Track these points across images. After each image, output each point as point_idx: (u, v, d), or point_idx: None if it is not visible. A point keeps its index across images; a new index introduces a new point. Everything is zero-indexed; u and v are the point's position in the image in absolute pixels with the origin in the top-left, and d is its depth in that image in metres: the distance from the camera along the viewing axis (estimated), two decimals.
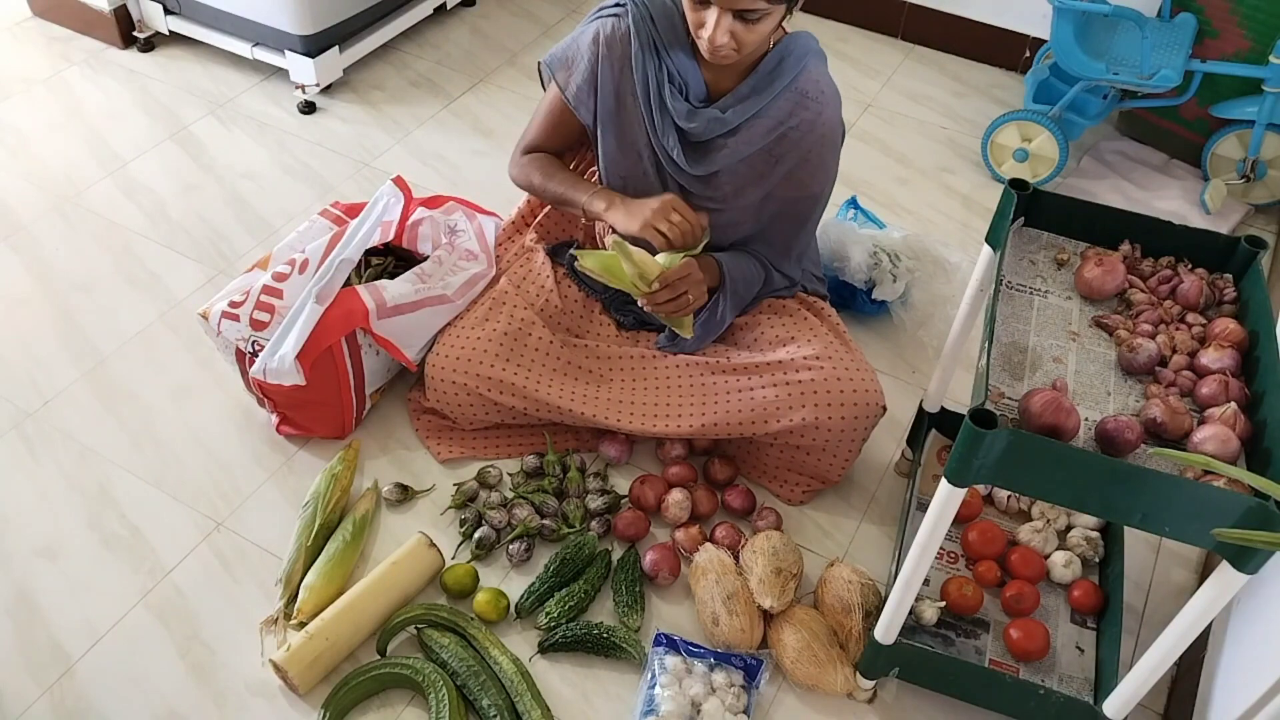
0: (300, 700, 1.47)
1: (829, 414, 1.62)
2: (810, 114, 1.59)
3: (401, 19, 2.76)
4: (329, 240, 1.74)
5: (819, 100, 1.59)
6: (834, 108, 1.62)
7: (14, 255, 2.16)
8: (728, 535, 1.66)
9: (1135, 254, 1.37)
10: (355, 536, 1.62)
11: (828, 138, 1.62)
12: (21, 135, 2.48)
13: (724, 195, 1.66)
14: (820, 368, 1.64)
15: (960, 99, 2.78)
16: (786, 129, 1.60)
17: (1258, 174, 2.34)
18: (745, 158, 1.62)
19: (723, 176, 1.65)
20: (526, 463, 1.76)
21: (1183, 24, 2.30)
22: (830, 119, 1.61)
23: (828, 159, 1.65)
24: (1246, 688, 1.27)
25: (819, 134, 1.61)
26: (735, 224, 1.69)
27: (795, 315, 1.77)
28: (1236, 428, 1.13)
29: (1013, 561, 1.57)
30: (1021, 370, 1.24)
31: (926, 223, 2.37)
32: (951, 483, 1.14)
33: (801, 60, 1.58)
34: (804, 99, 1.59)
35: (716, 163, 1.62)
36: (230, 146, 2.48)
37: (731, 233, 1.71)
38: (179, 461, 1.78)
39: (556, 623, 1.53)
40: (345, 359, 1.69)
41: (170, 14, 2.69)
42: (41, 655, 1.51)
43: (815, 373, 1.64)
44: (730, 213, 1.67)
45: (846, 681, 1.48)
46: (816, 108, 1.59)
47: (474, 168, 2.46)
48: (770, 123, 1.60)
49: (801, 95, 1.59)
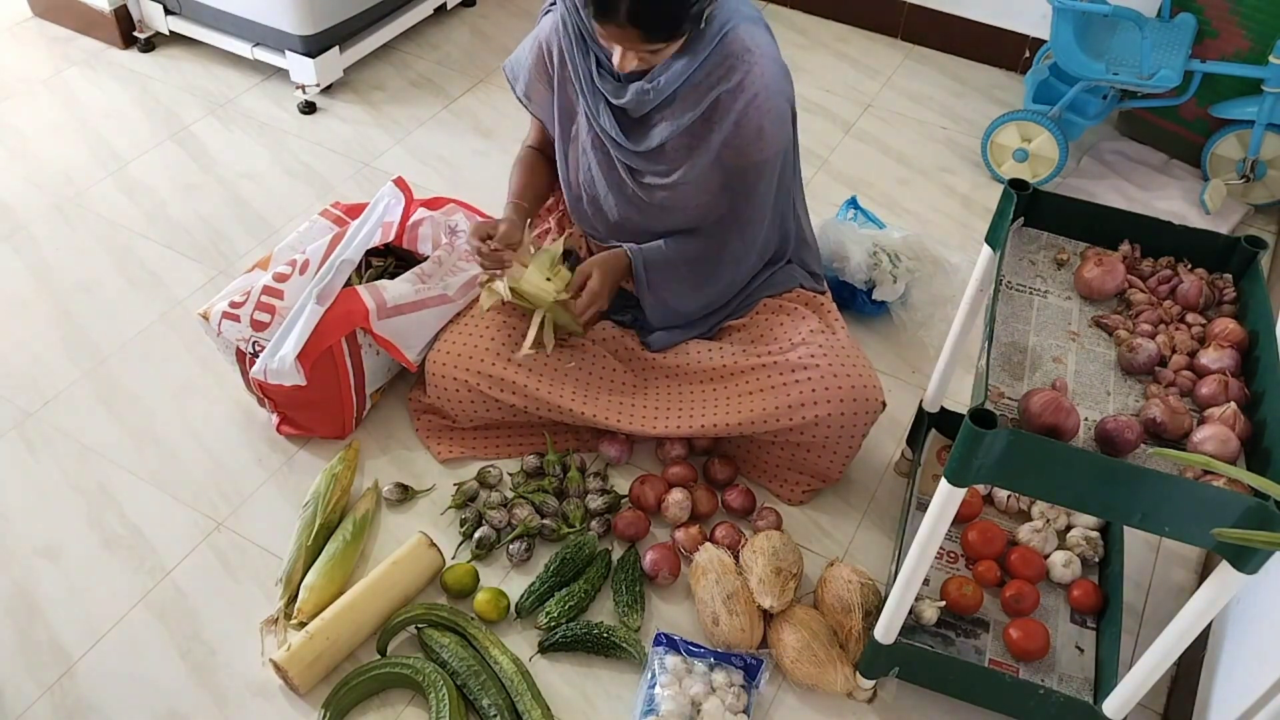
0: (300, 700, 1.47)
1: (828, 410, 1.62)
2: (739, 74, 1.55)
3: (401, 19, 2.77)
4: (329, 241, 1.74)
5: (747, 60, 1.55)
6: (766, 67, 1.56)
7: (14, 255, 2.16)
8: (728, 535, 1.66)
9: (1135, 254, 1.37)
10: (355, 536, 1.62)
11: (761, 98, 1.56)
12: (22, 135, 2.48)
13: (670, 170, 1.65)
14: (817, 365, 1.64)
15: (960, 99, 2.78)
16: (719, 93, 1.57)
17: (1257, 174, 2.34)
18: (685, 128, 1.60)
19: (667, 151, 1.64)
20: (526, 463, 1.76)
21: (1182, 24, 2.30)
22: (761, 78, 1.55)
23: (765, 123, 1.58)
24: (1246, 688, 1.27)
25: (751, 94, 1.56)
26: (690, 203, 1.68)
27: (793, 314, 1.76)
28: (1236, 428, 1.13)
29: (1012, 561, 1.57)
30: (1021, 370, 1.24)
31: (926, 223, 2.37)
32: (951, 483, 1.14)
33: (725, 20, 1.55)
34: (731, 59, 1.56)
35: (656, 136, 1.62)
36: (230, 146, 2.48)
37: (689, 214, 1.69)
38: (179, 461, 1.78)
39: (556, 622, 1.54)
40: (345, 359, 1.70)
41: (170, 14, 2.70)
42: (41, 655, 1.51)
43: (813, 370, 1.64)
44: (682, 189, 1.66)
45: (846, 681, 1.48)
46: (745, 67, 1.55)
47: (474, 168, 2.46)
48: (702, 87, 1.57)
49: (727, 56, 1.56)
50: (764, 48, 1.57)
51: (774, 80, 1.57)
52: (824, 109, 2.72)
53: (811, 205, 2.18)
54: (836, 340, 1.70)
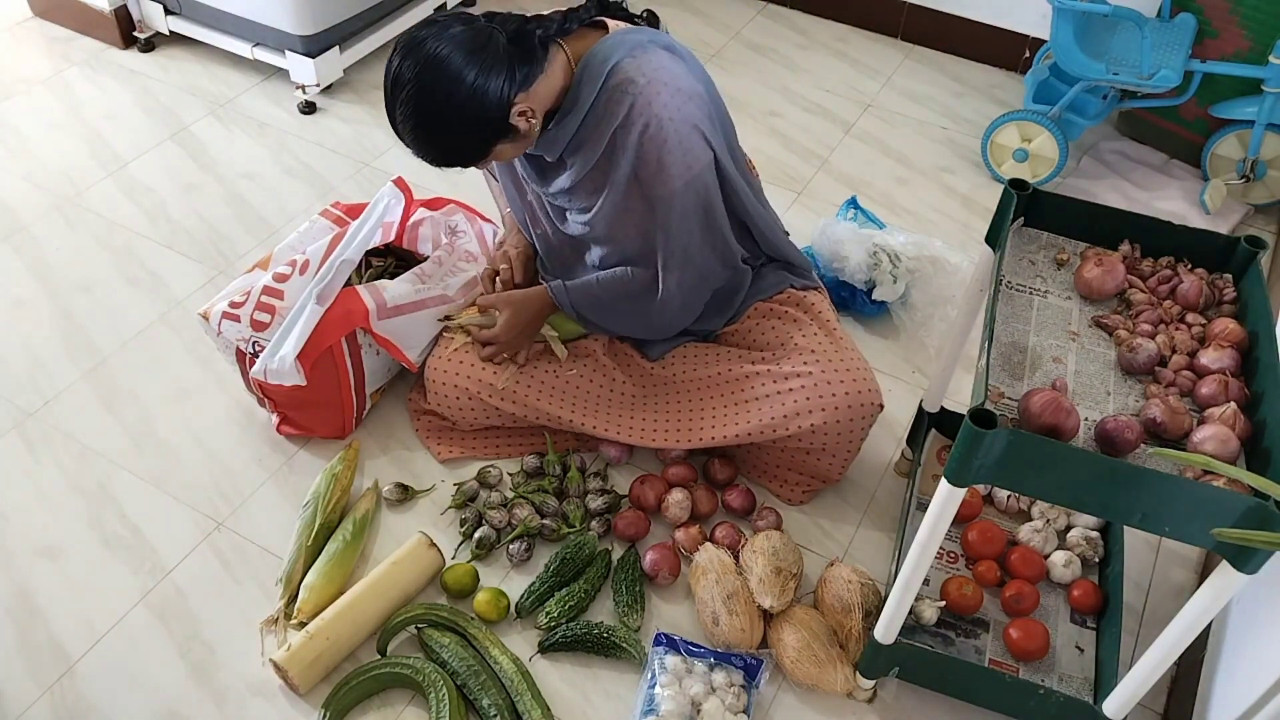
0: (300, 700, 1.47)
1: (824, 418, 1.61)
2: (625, 107, 1.49)
3: (402, 19, 2.76)
4: (329, 241, 1.74)
5: (631, 92, 1.47)
6: (654, 95, 1.48)
7: (14, 255, 2.16)
8: (728, 535, 1.66)
9: (1135, 254, 1.37)
10: (355, 536, 1.62)
11: (653, 128, 1.48)
12: (22, 135, 2.48)
13: (587, 208, 1.63)
14: (810, 373, 1.63)
15: (960, 99, 2.78)
16: (613, 130, 1.52)
17: (1257, 174, 2.34)
18: (591, 167, 1.56)
19: (579, 191, 1.61)
20: (526, 463, 1.76)
21: (1182, 24, 2.30)
22: (649, 108, 1.48)
23: (662, 154, 1.49)
24: (1246, 688, 1.27)
25: (641, 125, 1.48)
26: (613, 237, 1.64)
27: (784, 318, 1.74)
28: (1236, 428, 1.13)
29: (1012, 561, 1.57)
30: (1021, 370, 1.24)
31: (926, 223, 2.37)
32: (951, 483, 1.14)
33: (608, 57, 1.50)
34: (618, 94, 1.50)
35: (566, 179, 1.60)
36: (230, 146, 2.48)
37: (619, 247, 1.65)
38: (179, 461, 1.78)
39: (556, 622, 1.54)
40: (345, 359, 1.70)
41: (170, 14, 2.70)
42: (41, 655, 1.51)
43: (808, 378, 1.63)
44: (598, 225, 1.63)
45: (846, 681, 1.48)
46: (630, 99, 1.48)
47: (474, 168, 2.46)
48: (600, 127, 1.52)
49: (614, 91, 1.50)
50: (653, 74, 1.49)
51: (665, 107, 1.48)
52: (824, 109, 2.72)
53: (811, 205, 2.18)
54: (832, 343, 1.69)
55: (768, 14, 3.09)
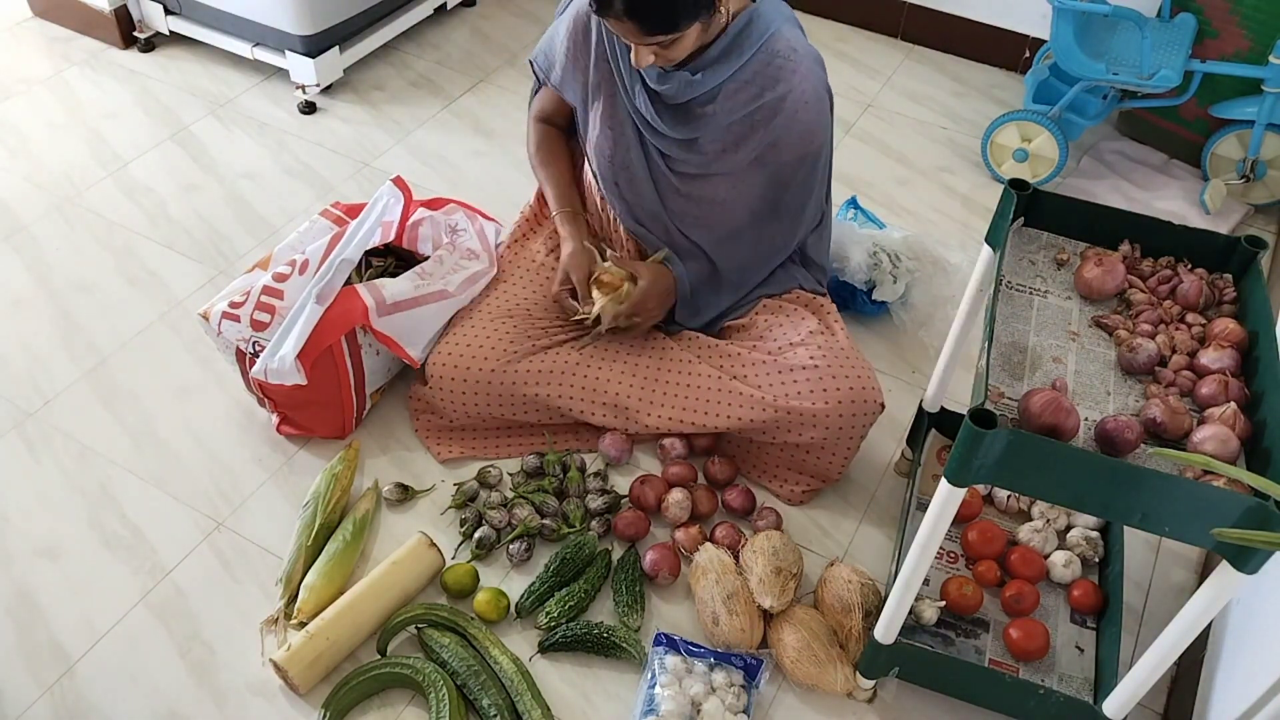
0: (300, 700, 1.47)
1: (825, 410, 1.62)
2: (785, 74, 1.58)
3: (401, 19, 2.77)
4: (329, 241, 1.74)
5: (791, 60, 1.59)
6: (809, 69, 1.60)
7: (14, 255, 2.16)
8: (728, 535, 1.66)
9: (1135, 254, 1.37)
10: (355, 536, 1.62)
11: (809, 100, 1.60)
12: (22, 135, 2.48)
13: (705, 160, 1.67)
14: (815, 366, 1.65)
15: (960, 99, 2.78)
16: (766, 98, 1.59)
17: (1257, 174, 2.34)
18: (725, 127, 1.63)
19: (702, 142, 1.65)
20: (526, 463, 1.76)
21: (1182, 24, 2.30)
22: (805, 80, 1.59)
23: (810, 123, 1.63)
24: (1246, 688, 1.27)
25: (799, 99, 1.60)
26: (722, 196, 1.69)
27: (793, 314, 1.76)
28: (1236, 428, 1.13)
29: (1012, 561, 1.57)
30: (1021, 370, 1.24)
31: (926, 223, 2.37)
32: (951, 483, 1.14)
33: (770, 22, 1.58)
34: (776, 59, 1.58)
35: (694, 129, 1.63)
36: (230, 146, 2.48)
37: (720, 208, 1.70)
38: (179, 461, 1.78)
39: (556, 622, 1.54)
40: (345, 359, 1.70)
41: (170, 14, 2.70)
42: (41, 655, 1.51)
43: (811, 370, 1.65)
44: (715, 182, 1.67)
45: (846, 681, 1.48)
46: (789, 72, 1.58)
47: (474, 168, 2.46)
48: (746, 90, 1.59)
49: (773, 55, 1.58)
50: (804, 49, 1.61)
51: (818, 81, 1.61)
52: None
53: None
54: (835, 341, 1.70)
55: None
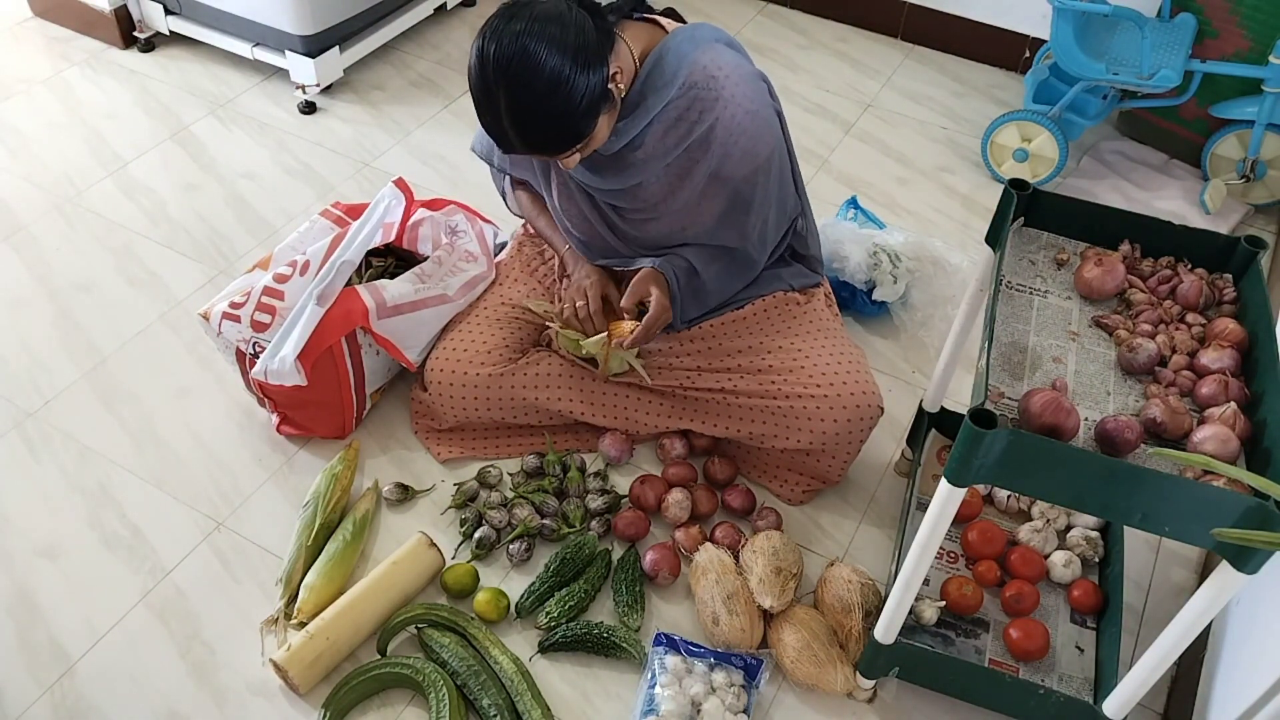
0: (301, 700, 1.47)
1: (824, 427, 1.62)
2: (709, 105, 1.53)
3: (402, 19, 2.77)
4: (330, 242, 1.74)
5: (712, 88, 1.53)
6: (735, 89, 1.54)
7: (14, 255, 2.16)
8: (728, 535, 1.66)
9: (1135, 254, 1.37)
10: (355, 536, 1.62)
11: (739, 119, 1.54)
12: (22, 135, 2.48)
13: (654, 203, 1.63)
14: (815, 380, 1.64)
15: (960, 99, 2.78)
16: (691, 126, 1.54)
17: (1257, 174, 2.34)
18: (666, 163, 1.58)
19: (645, 186, 1.61)
20: (526, 463, 1.76)
21: (1182, 24, 2.30)
22: (733, 101, 1.53)
23: (745, 143, 1.56)
24: (1246, 688, 1.27)
25: (729, 122, 1.54)
26: (680, 228, 1.66)
27: (788, 316, 1.75)
28: (1236, 428, 1.13)
29: (1013, 561, 1.57)
30: (1021, 370, 1.24)
31: (926, 223, 2.37)
32: (951, 483, 1.14)
33: (681, 54, 1.52)
34: (694, 90, 1.53)
35: (634, 175, 1.59)
36: (230, 146, 2.48)
37: (680, 235, 1.68)
38: (179, 461, 1.78)
39: (556, 622, 1.54)
40: (345, 359, 1.70)
41: (170, 14, 2.70)
42: (41, 655, 1.51)
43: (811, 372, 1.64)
44: (668, 219, 1.64)
45: (846, 681, 1.48)
46: (713, 95, 1.53)
47: (474, 168, 2.46)
48: (674, 124, 1.54)
49: (691, 87, 1.53)
50: (728, 68, 1.54)
51: (746, 99, 1.55)
52: (824, 109, 2.72)
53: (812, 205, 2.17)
54: (830, 344, 1.70)
55: (768, 14, 3.09)
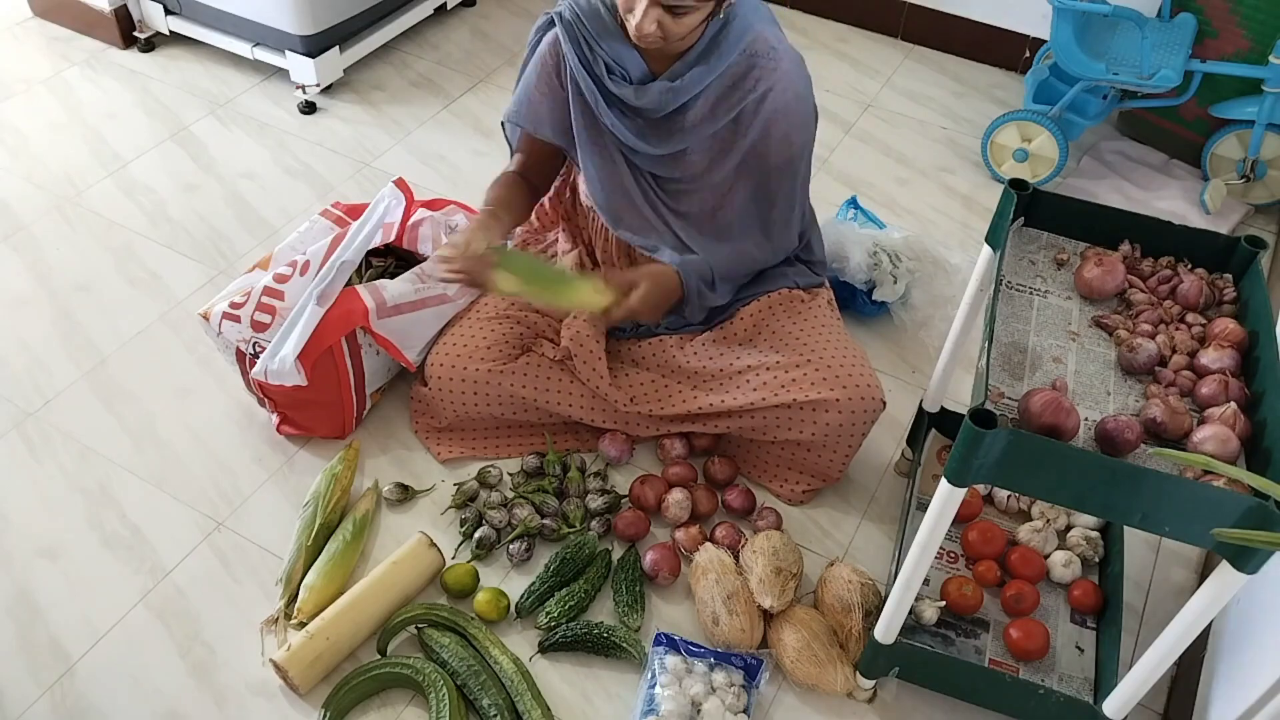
0: (301, 700, 1.47)
1: (826, 412, 1.62)
2: (765, 75, 1.56)
3: (402, 19, 2.77)
4: (330, 242, 1.74)
5: (772, 59, 1.56)
6: (789, 70, 1.57)
7: (14, 255, 2.16)
8: (728, 535, 1.66)
9: (1135, 254, 1.37)
10: (355, 536, 1.62)
11: (786, 98, 1.58)
12: (22, 135, 2.48)
13: (694, 174, 1.64)
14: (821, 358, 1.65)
15: (960, 99, 2.78)
16: (745, 94, 1.57)
17: (1257, 174, 2.34)
18: (712, 132, 1.60)
19: (690, 154, 1.63)
20: (526, 463, 1.76)
21: (1182, 24, 2.30)
22: (787, 79, 1.57)
23: (789, 129, 1.61)
24: (1246, 688, 1.27)
25: (779, 94, 1.57)
26: (712, 209, 1.67)
27: (793, 312, 1.75)
28: (1236, 428, 1.13)
29: (1013, 561, 1.57)
30: (1021, 370, 1.24)
31: (926, 223, 2.37)
32: (951, 483, 1.14)
33: (747, 23, 1.55)
34: (756, 59, 1.55)
35: (681, 140, 1.61)
36: (230, 146, 2.48)
37: (710, 223, 1.69)
38: (179, 461, 1.78)
39: (557, 622, 1.54)
40: (346, 359, 1.70)
41: (170, 14, 2.70)
42: (41, 655, 1.51)
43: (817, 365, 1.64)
44: (704, 193, 1.65)
45: (846, 681, 1.48)
46: (771, 66, 1.56)
47: (474, 168, 2.46)
48: (728, 94, 1.57)
49: (753, 57, 1.55)
50: (786, 47, 1.59)
51: (797, 82, 1.60)
52: (824, 109, 2.69)
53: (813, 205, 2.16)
54: (834, 339, 1.70)
55: None
